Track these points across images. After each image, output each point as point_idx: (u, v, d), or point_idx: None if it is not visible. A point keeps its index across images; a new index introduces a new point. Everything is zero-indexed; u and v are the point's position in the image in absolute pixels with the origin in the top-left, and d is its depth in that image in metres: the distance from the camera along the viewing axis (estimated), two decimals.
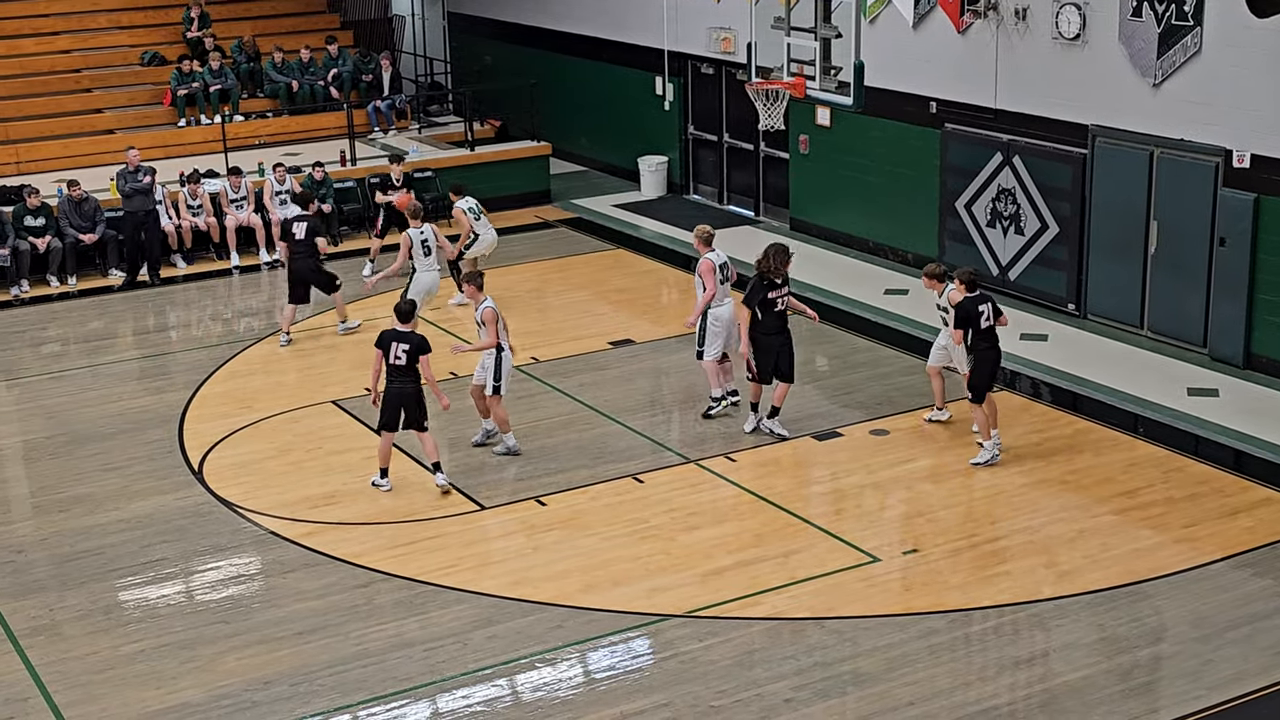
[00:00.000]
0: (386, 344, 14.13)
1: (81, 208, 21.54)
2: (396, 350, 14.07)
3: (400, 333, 14.14)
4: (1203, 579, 12.39)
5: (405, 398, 14.18)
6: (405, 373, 14.14)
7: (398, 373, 14.15)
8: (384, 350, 14.14)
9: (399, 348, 14.06)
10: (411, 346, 14.08)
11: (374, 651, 11.57)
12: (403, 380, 14.17)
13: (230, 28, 28.21)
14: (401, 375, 14.15)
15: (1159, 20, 17.00)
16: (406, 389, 14.19)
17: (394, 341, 14.10)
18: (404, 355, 14.05)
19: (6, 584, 12.85)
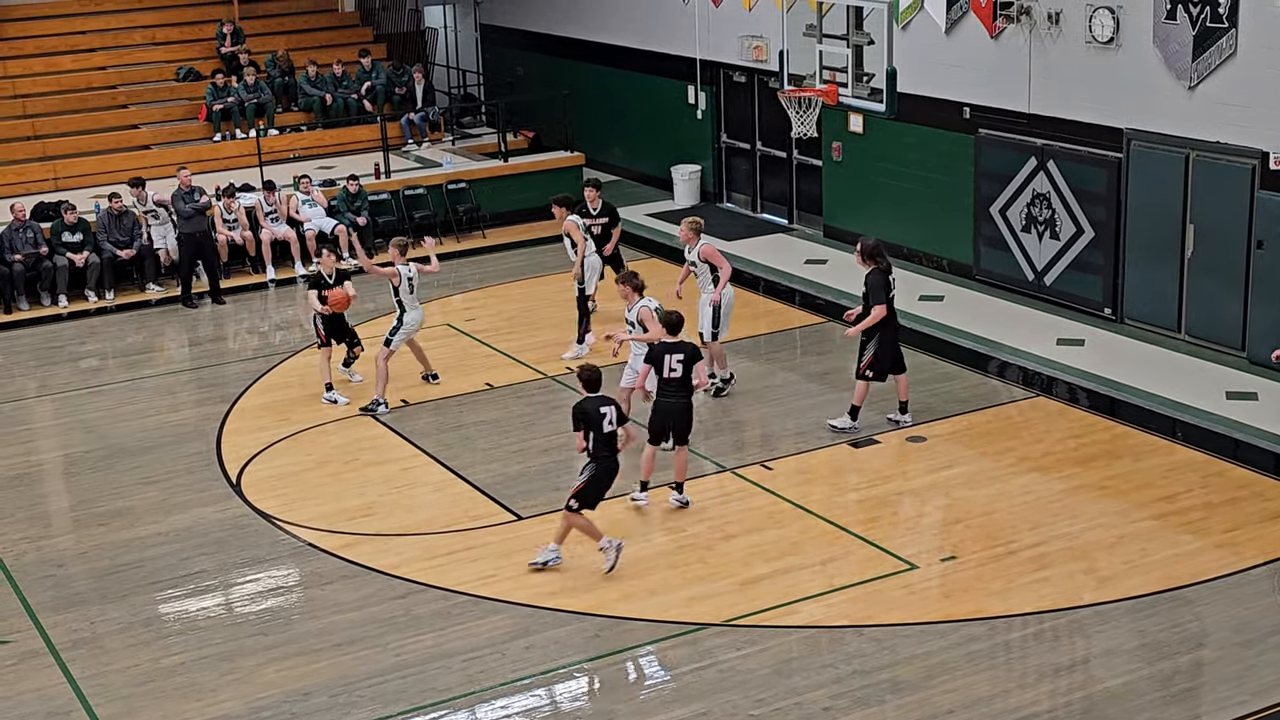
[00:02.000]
0: (659, 358, 13.72)
1: (121, 222, 21.68)
2: (671, 362, 13.65)
3: (672, 344, 13.71)
4: (1244, 584, 12.30)
5: (676, 413, 13.87)
6: (681, 386, 13.77)
7: (671, 386, 13.76)
8: (656, 364, 13.73)
9: (673, 359, 13.66)
10: (686, 356, 13.69)
11: (413, 662, 11.59)
12: (676, 394, 13.80)
13: (264, 42, 28.38)
14: (675, 389, 13.78)
15: (1194, 23, 16.92)
16: (679, 403, 13.84)
17: (667, 354, 13.67)
18: (679, 367, 13.66)
19: (48, 598, 12.93)
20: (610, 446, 12.77)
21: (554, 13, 28.44)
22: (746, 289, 20.75)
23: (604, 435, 12.68)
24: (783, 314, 19.91)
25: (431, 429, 16.40)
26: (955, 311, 19.15)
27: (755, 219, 24.48)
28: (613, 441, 12.77)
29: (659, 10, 25.61)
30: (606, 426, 12.68)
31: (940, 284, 20.31)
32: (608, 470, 12.81)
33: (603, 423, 12.67)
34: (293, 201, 22.73)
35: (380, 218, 23.59)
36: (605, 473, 12.79)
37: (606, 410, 12.71)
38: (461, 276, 22.23)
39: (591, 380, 12.82)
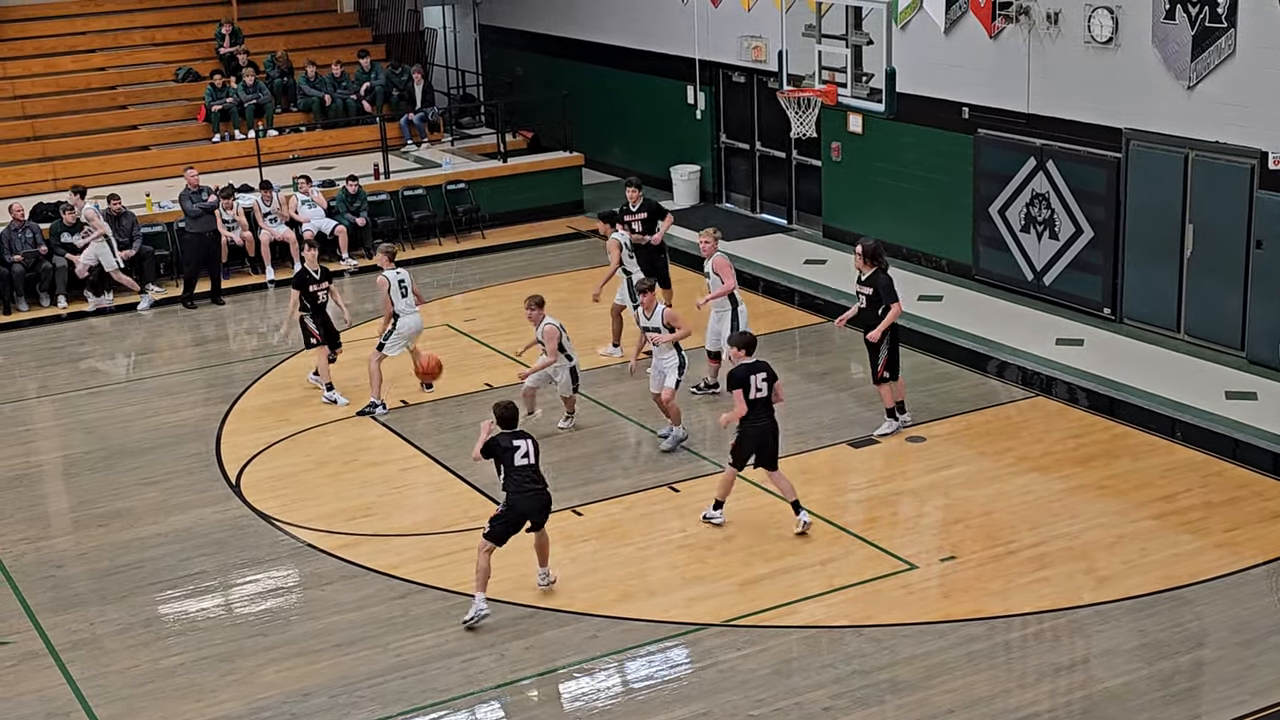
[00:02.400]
0: (744, 379, 13.09)
1: (120, 222, 21.67)
2: (756, 383, 13.07)
3: (752, 364, 13.17)
4: (1244, 584, 12.30)
5: (769, 436, 13.24)
6: (767, 406, 13.20)
7: (759, 407, 13.14)
8: (743, 386, 13.07)
9: (758, 379, 13.09)
10: (768, 375, 13.17)
11: (412, 663, 11.59)
12: (765, 416, 13.20)
13: (263, 43, 28.38)
14: (763, 410, 13.18)
15: (1192, 23, 16.92)
16: (770, 425, 13.25)
17: (750, 374, 13.10)
18: (765, 386, 13.11)
19: (47, 599, 12.93)
20: (526, 479, 12.11)
21: (553, 13, 28.45)
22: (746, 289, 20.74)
23: (515, 468, 12.07)
24: (782, 314, 19.91)
25: (431, 429, 16.41)
26: (954, 311, 19.15)
27: (754, 219, 24.49)
28: (528, 474, 12.12)
29: (658, 10, 25.62)
30: (519, 460, 12.09)
31: (939, 284, 20.31)
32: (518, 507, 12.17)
33: (515, 455, 12.09)
34: (292, 202, 22.74)
35: (379, 218, 23.59)
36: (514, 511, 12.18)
37: (521, 443, 12.14)
38: (461, 277, 22.23)
39: (506, 418, 12.28)
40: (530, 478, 12.13)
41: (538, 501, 12.22)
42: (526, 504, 12.15)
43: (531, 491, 12.15)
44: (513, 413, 12.37)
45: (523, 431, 12.35)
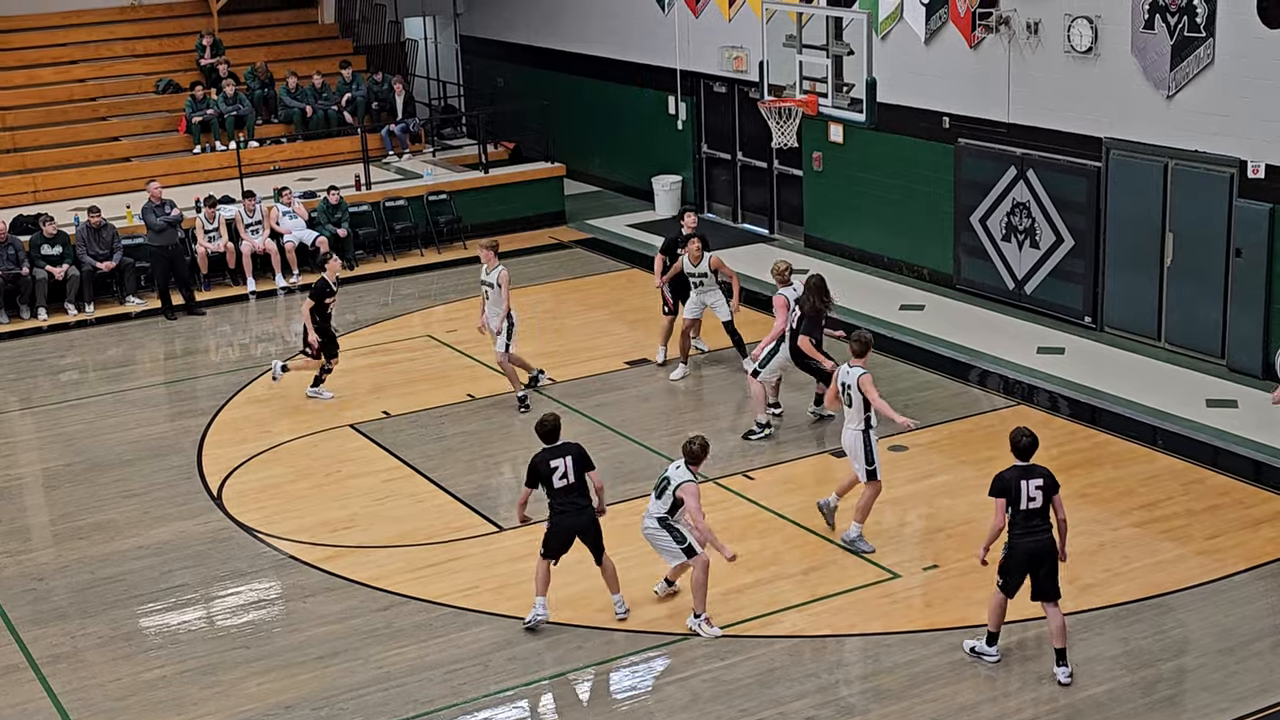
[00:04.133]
0: (1015, 485, 11.01)
1: (100, 235, 21.62)
2: (1029, 489, 10.99)
3: (1025, 468, 11.03)
4: (1225, 591, 12.34)
5: (1046, 552, 11.09)
6: (1042, 517, 11.08)
7: (1033, 520, 11.04)
8: (1012, 496, 11.01)
9: (1031, 485, 10.97)
10: (1045, 483, 11.05)
11: (395, 675, 11.57)
12: (1041, 530, 11.06)
13: (244, 54, 28.32)
14: (1038, 522, 11.07)
15: (1171, 32, 16.99)
16: (1046, 540, 11.07)
17: (1023, 480, 11.00)
18: (1039, 494, 10.98)
19: (28, 612, 12.88)
20: (568, 500, 11.88)
21: (534, 24, 28.46)
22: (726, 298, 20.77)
23: (555, 491, 11.91)
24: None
25: (413, 441, 16.38)
26: (936, 321, 19.19)
27: (736, 229, 24.51)
28: (569, 495, 11.87)
29: (639, 21, 25.65)
30: (558, 481, 11.88)
31: (921, 293, 20.35)
32: (559, 526, 12.01)
33: (553, 477, 11.87)
34: (273, 213, 22.70)
35: (361, 229, 23.57)
36: (557, 528, 12.03)
37: (558, 463, 11.87)
38: (443, 288, 22.21)
39: (547, 432, 11.99)
40: (571, 499, 11.92)
41: (580, 519, 11.99)
42: (569, 521, 12.00)
43: (572, 510, 11.96)
44: (552, 427, 12.00)
45: (564, 446, 11.97)
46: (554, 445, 11.97)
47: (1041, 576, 11.04)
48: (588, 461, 12.01)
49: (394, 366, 18.35)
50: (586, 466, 12.00)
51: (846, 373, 13.23)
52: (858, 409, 13.12)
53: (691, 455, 11.93)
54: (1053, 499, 10.98)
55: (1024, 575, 11.07)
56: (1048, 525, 10.99)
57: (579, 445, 12.08)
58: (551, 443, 11.97)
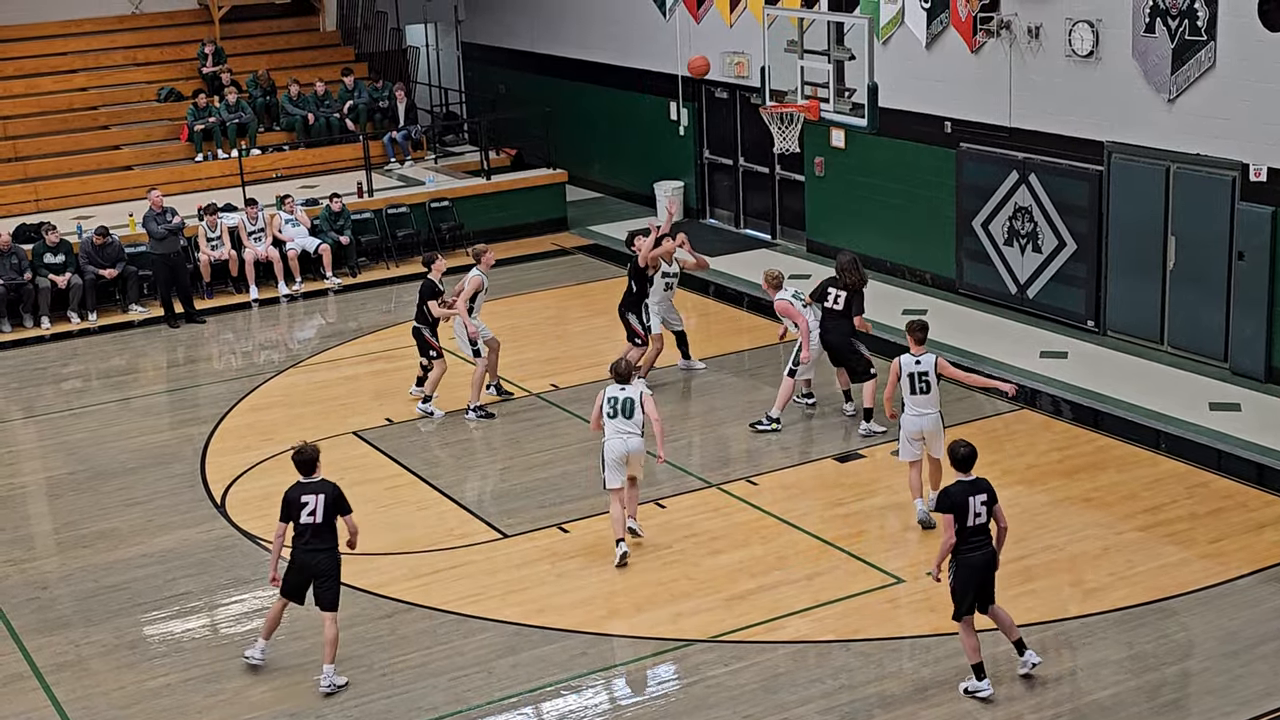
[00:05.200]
0: (963, 502, 10.86)
1: (105, 251, 21.60)
2: (975, 506, 10.87)
3: (970, 483, 10.97)
4: (1230, 594, 12.32)
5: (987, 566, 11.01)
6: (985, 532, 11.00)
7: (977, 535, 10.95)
8: (959, 511, 10.84)
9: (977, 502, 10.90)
10: (989, 496, 10.99)
11: (399, 682, 11.56)
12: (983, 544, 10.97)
13: (245, 62, 28.36)
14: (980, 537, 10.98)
15: (1172, 36, 16.99)
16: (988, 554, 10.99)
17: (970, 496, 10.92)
18: (984, 510, 10.91)
19: (32, 620, 12.87)
20: (308, 539, 11.32)
21: (535, 30, 28.48)
22: (730, 305, 20.79)
23: (300, 525, 11.31)
24: (767, 330, 19.90)
25: (416, 447, 16.38)
26: (938, 325, 19.14)
27: (738, 234, 24.52)
28: (315, 535, 11.31)
29: (640, 27, 25.66)
30: (304, 517, 11.28)
31: (923, 298, 20.35)
32: (295, 563, 11.46)
33: (302, 513, 11.29)
34: (276, 221, 22.73)
35: (363, 237, 23.58)
36: (293, 565, 11.49)
37: (309, 500, 11.29)
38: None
39: (305, 461, 11.39)
40: (313, 540, 11.31)
41: (315, 560, 11.36)
42: (305, 559, 11.39)
43: (310, 551, 11.34)
44: (309, 458, 11.38)
45: (321, 484, 11.36)
46: (310, 480, 11.41)
47: (984, 589, 11.05)
48: (342, 505, 11.37)
49: (397, 374, 18.34)
50: (340, 510, 11.36)
51: (915, 362, 13.50)
52: (936, 394, 13.56)
53: (621, 375, 13.33)
54: (994, 509, 11.02)
55: (973, 590, 10.97)
56: (989, 537, 11.05)
57: (337, 487, 11.44)
58: (308, 475, 11.41)
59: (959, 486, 10.95)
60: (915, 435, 13.64)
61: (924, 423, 13.60)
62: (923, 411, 13.58)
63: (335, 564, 11.43)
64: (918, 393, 13.54)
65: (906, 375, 13.54)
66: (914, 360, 13.53)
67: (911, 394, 13.53)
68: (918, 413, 13.57)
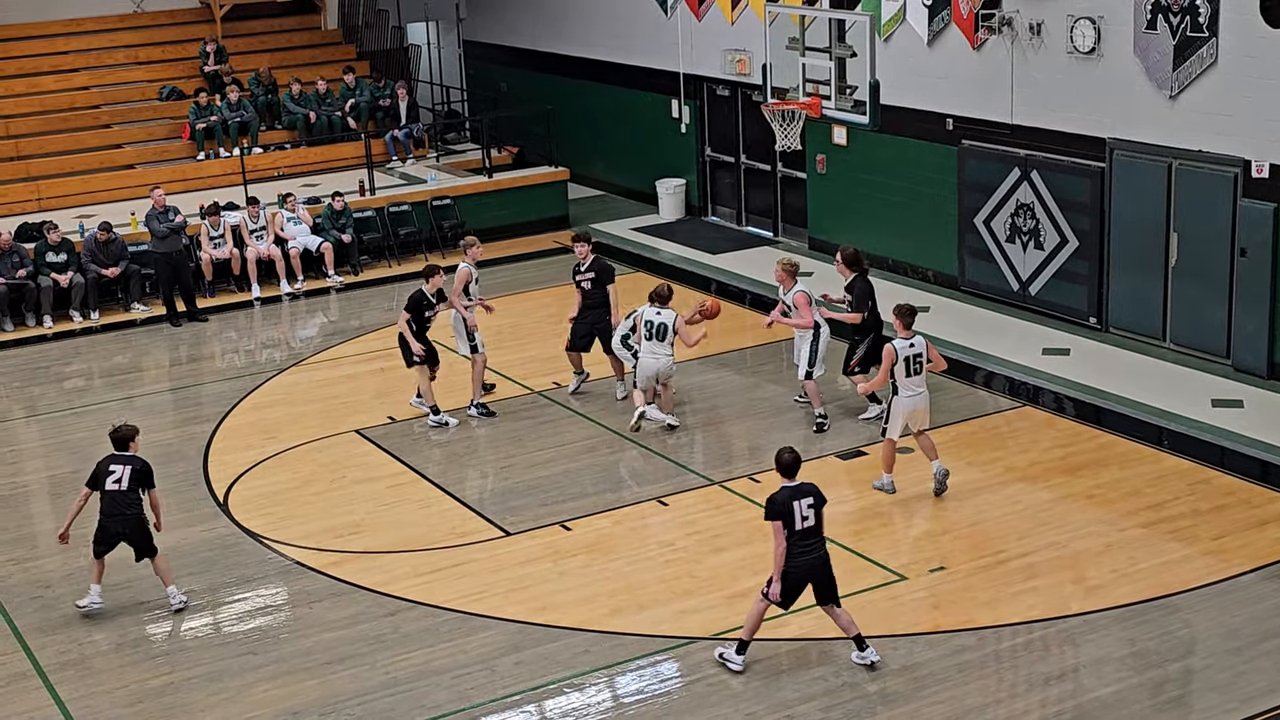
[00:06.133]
0: (788, 508, 11.06)
1: (108, 249, 21.62)
2: (802, 509, 11.06)
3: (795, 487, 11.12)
4: (1232, 591, 12.32)
5: (818, 567, 11.24)
6: (816, 535, 11.19)
7: (806, 538, 11.12)
8: (785, 518, 11.05)
9: (803, 505, 11.09)
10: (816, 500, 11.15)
11: (402, 680, 11.57)
12: (814, 547, 11.17)
13: (247, 60, 28.36)
14: (811, 540, 11.17)
15: (1174, 32, 16.98)
16: (819, 557, 11.19)
17: (795, 500, 11.10)
18: (811, 513, 11.09)
19: (35, 619, 12.88)
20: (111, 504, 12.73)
21: (537, 28, 28.47)
22: (733, 302, 20.79)
23: (105, 491, 12.77)
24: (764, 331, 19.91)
25: (418, 445, 16.39)
26: (940, 322, 19.16)
27: (740, 232, 24.51)
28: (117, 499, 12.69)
29: (642, 25, 25.65)
30: (110, 484, 12.71)
31: (925, 295, 20.33)
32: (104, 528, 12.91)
33: (108, 480, 12.73)
34: (278, 219, 22.73)
35: (365, 235, 23.58)
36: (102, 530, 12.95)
37: (117, 469, 12.69)
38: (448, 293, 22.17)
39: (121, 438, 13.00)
40: (117, 505, 12.68)
41: (123, 524, 12.73)
42: (115, 526, 12.77)
43: (118, 515, 12.73)
44: (126, 435, 12.87)
45: (131, 458, 12.81)
46: (121, 454, 12.77)
47: (822, 587, 11.26)
48: (148, 480, 12.75)
49: (399, 372, 18.32)
50: (145, 484, 12.74)
51: (909, 345, 14.04)
52: (924, 374, 14.16)
53: (662, 298, 15.98)
54: (820, 511, 11.17)
55: (801, 591, 11.23)
56: (821, 540, 11.21)
57: (146, 463, 12.82)
58: (120, 449, 12.79)
59: (784, 493, 11.12)
60: (910, 414, 14.17)
61: (918, 401, 14.18)
62: (916, 391, 14.15)
63: (135, 525, 12.72)
64: (912, 374, 14.10)
65: (903, 359, 14.02)
66: (907, 344, 14.07)
67: (907, 376, 14.07)
68: (913, 393, 14.15)
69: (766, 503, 11.21)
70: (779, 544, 11.06)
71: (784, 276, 16.39)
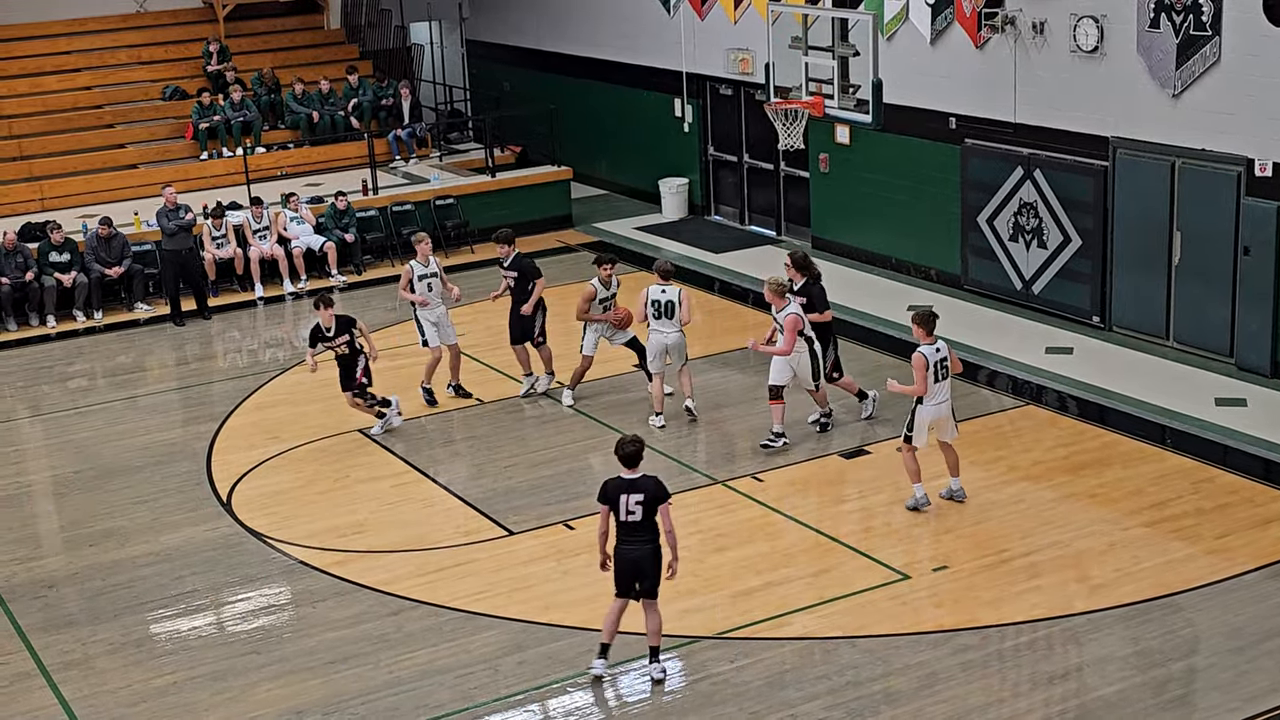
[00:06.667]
0: (615, 499, 11.10)
1: (110, 245, 21.65)
2: (629, 503, 11.03)
3: (629, 481, 11.08)
4: (1236, 590, 12.31)
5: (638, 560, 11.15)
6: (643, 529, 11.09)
7: (632, 530, 11.10)
8: (613, 506, 11.13)
9: (631, 500, 11.01)
10: (646, 496, 11.02)
11: (405, 679, 11.57)
12: (639, 539, 11.10)
13: (250, 60, 28.38)
14: (638, 533, 11.09)
15: (1177, 31, 16.98)
16: (642, 550, 11.13)
17: (622, 494, 11.03)
18: (639, 509, 11.02)
19: (39, 619, 12.89)
20: None
21: (540, 28, 28.48)
22: (736, 301, 20.79)
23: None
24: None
25: (422, 445, 16.39)
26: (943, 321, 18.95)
27: (743, 231, 24.51)
28: None
29: (644, 24, 25.66)
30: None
31: (928, 294, 20.34)
32: None
33: None
34: (281, 219, 22.75)
35: (368, 234, 23.59)
36: None
37: None
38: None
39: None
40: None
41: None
42: None
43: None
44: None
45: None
46: None
47: (641, 583, 11.16)
48: None
49: (402, 371, 18.34)
50: None
51: (936, 351, 13.63)
52: (949, 380, 13.83)
53: (665, 274, 16.16)
54: (659, 509, 11.01)
55: (628, 581, 11.16)
56: (650, 537, 11.06)
57: None
58: None
59: (615, 482, 11.11)
60: (935, 421, 13.75)
61: (944, 409, 13.77)
62: (943, 398, 13.77)
63: None
64: (938, 380, 13.68)
65: (932, 365, 13.62)
66: (935, 350, 13.67)
67: (935, 382, 13.67)
68: (939, 400, 13.73)
69: (601, 486, 11.24)
70: (601, 525, 11.20)
71: (774, 297, 15.48)
